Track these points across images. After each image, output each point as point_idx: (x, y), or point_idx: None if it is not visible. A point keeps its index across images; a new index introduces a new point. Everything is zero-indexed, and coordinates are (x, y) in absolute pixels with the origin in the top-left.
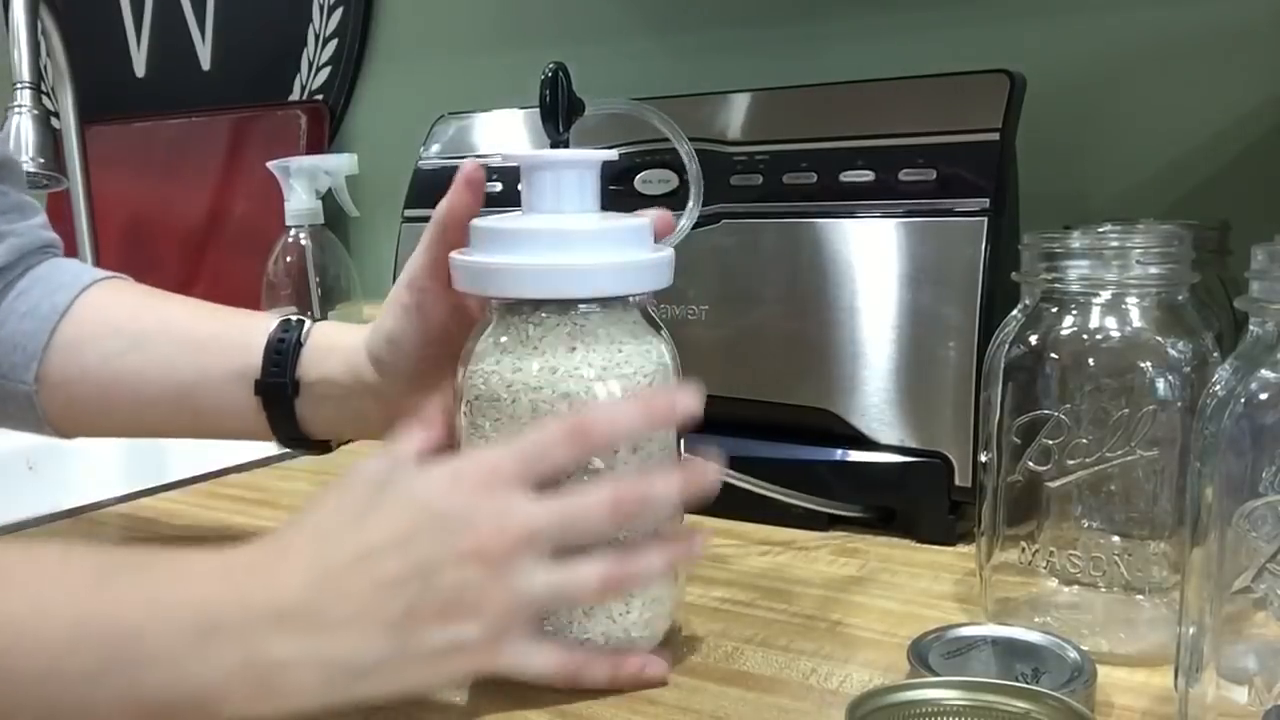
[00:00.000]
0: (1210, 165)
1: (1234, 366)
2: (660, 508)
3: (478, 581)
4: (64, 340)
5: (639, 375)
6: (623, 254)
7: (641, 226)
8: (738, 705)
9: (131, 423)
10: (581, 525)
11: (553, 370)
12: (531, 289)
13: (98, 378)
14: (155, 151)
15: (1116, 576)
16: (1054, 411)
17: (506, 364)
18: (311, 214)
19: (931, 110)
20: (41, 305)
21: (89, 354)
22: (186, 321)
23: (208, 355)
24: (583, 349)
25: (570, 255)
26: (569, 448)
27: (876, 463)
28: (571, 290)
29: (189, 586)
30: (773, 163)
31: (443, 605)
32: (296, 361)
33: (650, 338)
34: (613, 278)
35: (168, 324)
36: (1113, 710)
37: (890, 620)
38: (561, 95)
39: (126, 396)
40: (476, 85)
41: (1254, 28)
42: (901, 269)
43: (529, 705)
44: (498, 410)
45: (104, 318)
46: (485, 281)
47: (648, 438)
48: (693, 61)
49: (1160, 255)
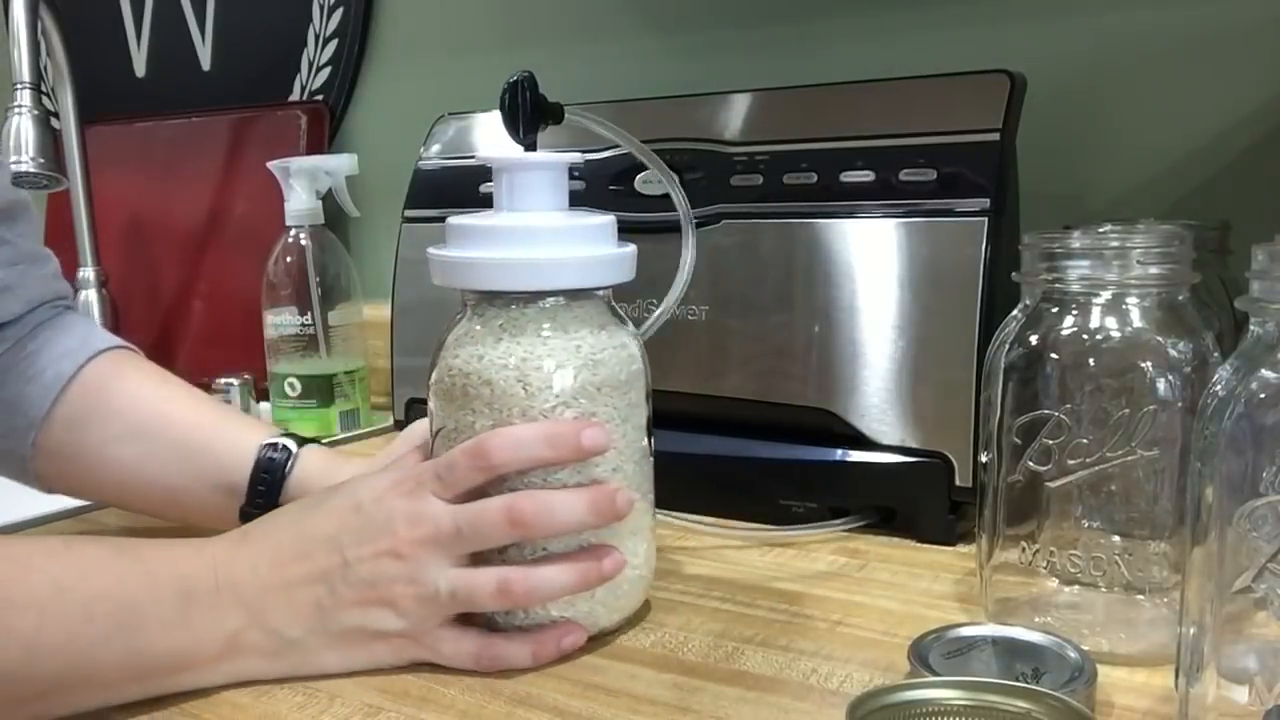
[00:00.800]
0: (1210, 165)
1: (1234, 366)
2: (561, 526)
3: (391, 575)
4: (64, 414)
5: (602, 365)
6: (587, 249)
7: (605, 224)
8: (738, 705)
9: (117, 502)
10: (483, 531)
11: (520, 359)
12: (501, 282)
13: (93, 460)
14: (155, 151)
15: (1117, 576)
16: (1054, 411)
17: (476, 352)
18: (311, 214)
19: (931, 110)
20: (46, 372)
21: (88, 435)
22: (181, 425)
23: (198, 465)
24: (548, 339)
25: (538, 250)
26: (471, 468)
27: (877, 463)
28: (539, 283)
29: (174, 564)
30: (773, 163)
31: (361, 593)
32: (281, 490)
33: (616, 330)
34: (578, 272)
35: (165, 423)
36: (1113, 710)
37: (890, 620)
38: (524, 103)
39: (117, 481)
40: (476, 85)
41: (1254, 28)
42: (901, 269)
43: (529, 705)
44: (466, 396)
45: (105, 400)
46: (458, 275)
47: (621, 435)
48: (693, 61)
49: (1161, 255)
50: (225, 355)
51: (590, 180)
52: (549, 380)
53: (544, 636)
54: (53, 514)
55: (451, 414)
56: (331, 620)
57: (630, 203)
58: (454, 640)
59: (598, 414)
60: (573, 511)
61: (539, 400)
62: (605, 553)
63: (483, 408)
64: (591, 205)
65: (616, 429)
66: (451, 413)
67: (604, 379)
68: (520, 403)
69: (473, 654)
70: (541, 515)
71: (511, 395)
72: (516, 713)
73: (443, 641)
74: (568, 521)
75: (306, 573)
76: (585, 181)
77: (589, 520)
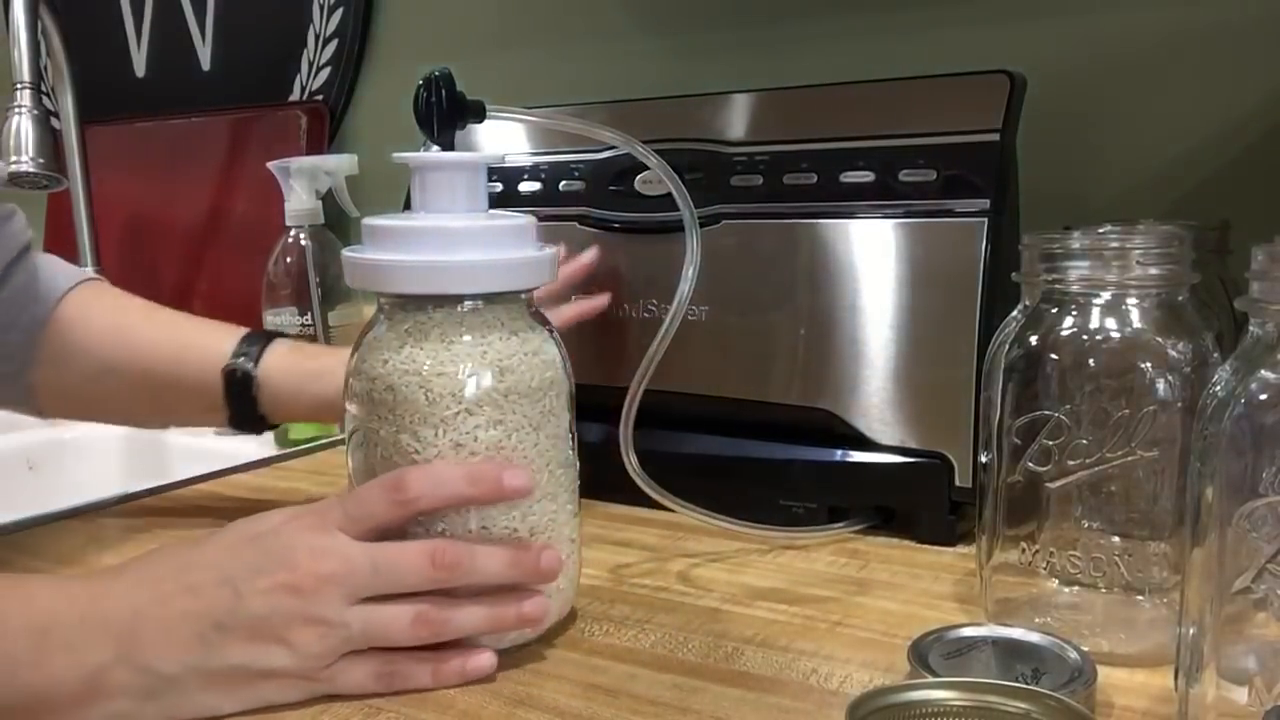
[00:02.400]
0: (1210, 165)
1: (1234, 367)
2: (482, 579)
3: (287, 610)
4: (45, 356)
5: (510, 372)
6: (506, 252)
7: (525, 226)
8: (738, 705)
9: (122, 423)
10: (401, 573)
11: (423, 365)
12: (417, 285)
13: (83, 395)
14: (155, 151)
15: (1117, 577)
16: (1054, 412)
17: (382, 357)
18: (312, 214)
19: (931, 110)
20: (22, 317)
21: (68, 375)
22: (147, 358)
23: (173, 396)
24: (452, 344)
25: (455, 253)
26: (387, 504)
27: (876, 463)
28: (455, 286)
29: (29, 600)
30: (773, 163)
31: (252, 628)
32: (257, 403)
33: (530, 335)
34: (495, 275)
35: (132, 356)
36: (1113, 711)
37: (890, 621)
38: (439, 101)
39: (109, 411)
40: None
41: (1254, 27)
42: (901, 269)
43: (529, 705)
44: (372, 402)
45: (75, 339)
46: (373, 278)
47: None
48: (693, 61)
49: (1160, 255)
50: None
51: (590, 180)
52: (451, 387)
53: (448, 656)
54: (53, 514)
55: (361, 419)
56: (215, 656)
57: (630, 203)
58: (350, 669)
59: (505, 421)
60: (495, 567)
61: (440, 408)
62: (526, 596)
63: (387, 414)
64: (592, 205)
65: (528, 437)
66: (361, 418)
67: (512, 385)
68: (422, 410)
69: (373, 674)
70: (463, 565)
71: (413, 402)
72: (516, 713)
73: (340, 673)
74: (489, 576)
75: (192, 605)
76: (585, 181)
77: (512, 577)
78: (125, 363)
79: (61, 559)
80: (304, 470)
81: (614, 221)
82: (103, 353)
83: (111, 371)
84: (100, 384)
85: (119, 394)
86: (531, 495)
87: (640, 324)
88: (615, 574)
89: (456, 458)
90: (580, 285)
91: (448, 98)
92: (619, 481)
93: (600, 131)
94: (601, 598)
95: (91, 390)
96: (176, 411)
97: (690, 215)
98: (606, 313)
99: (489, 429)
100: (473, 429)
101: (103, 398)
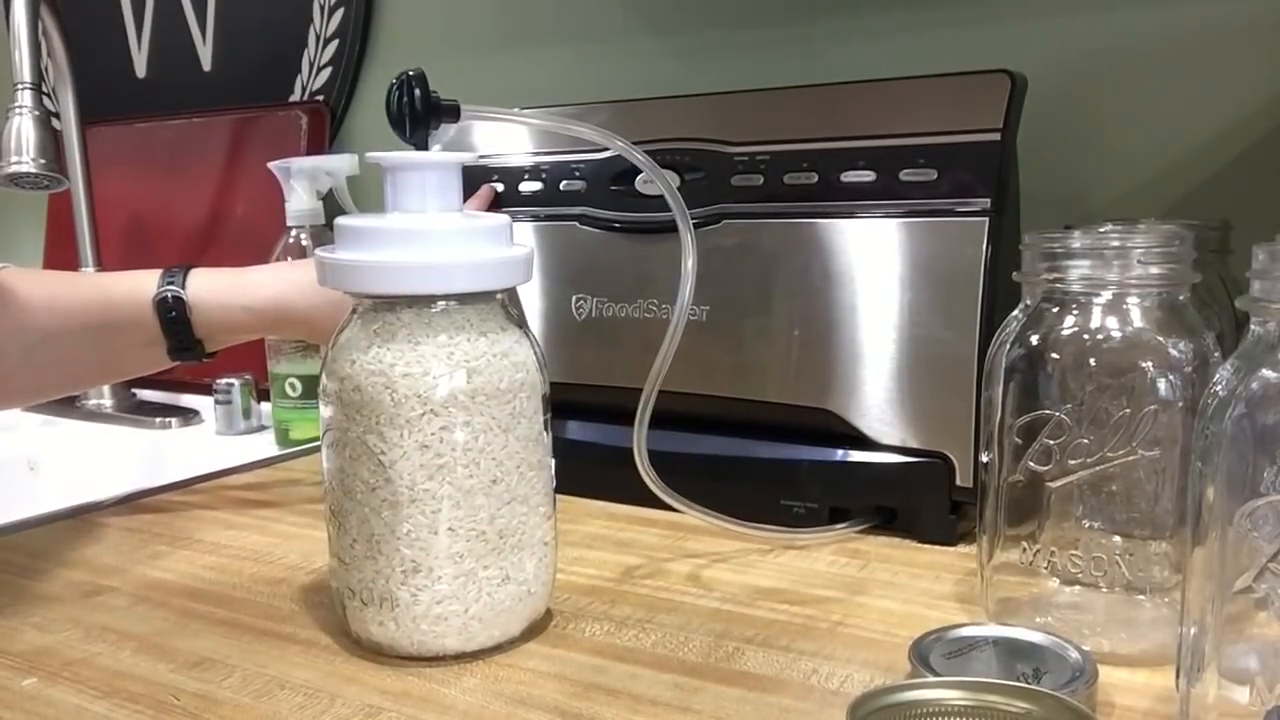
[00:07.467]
0: (1211, 165)
1: (1235, 366)
2: None
3: None
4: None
5: (478, 373)
6: (480, 252)
7: (500, 226)
8: (739, 705)
9: (75, 389)
10: None
11: (389, 365)
12: (384, 285)
13: (29, 370)
14: (156, 152)
15: (1118, 576)
16: (1055, 411)
17: (350, 357)
18: (312, 214)
19: (932, 110)
20: None
21: (8, 357)
22: (79, 313)
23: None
24: (419, 345)
25: (428, 253)
26: None
27: (877, 463)
28: (423, 286)
29: None
30: (773, 163)
31: None
32: (191, 327)
33: (501, 336)
34: (469, 274)
35: (64, 317)
36: (1114, 710)
37: (891, 620)
38: (411, 101)
39: (60, 378)
40: (477, 85)
41: (1254, 28)
42: (902, 269)
43: (529, 705)
44: (341, 402)
45: (10, 316)
46: (347, 279)
47: (501, 446)
48: (693, 61)
49: (1161, 255)
50: (226, 355)
51: (591, 180)
52: (417, 388)
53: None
54: (53, 514)
55: (333, 420)
56: None
57: (631, 202)
58: None
59: (473, 423)
60: None
61: (406, 409)
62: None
63: (355, 414)
64: (592, 205)
65: (496, 439)
66: (333, 418)
67: (479, 387)
68: (388, 410)
69: None
70: None
71: (379, 403)
72: (517, 713)
73: None
74: None
75: None
76: (586, 181)
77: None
78: (60, 326)
79: (61, 559)
80: (304, 470)
81: (614, 221)
82: (36, 323)
83: (47, 339)
84: (40, 354)
85: (59, 358)
86: (500, 498)
87: (640, 324)
88: (616, 574)
89: (422, 459)
90: None
91: (420, 98)
92: (621, 481)
93: (581, 130)
94: (603, 598)
95: (33, 363)
96: (119, 357)
97: (680, 208)
98: (606, 313)
99: (456, 430)
100: (439, 430)
101: (44, 367)
